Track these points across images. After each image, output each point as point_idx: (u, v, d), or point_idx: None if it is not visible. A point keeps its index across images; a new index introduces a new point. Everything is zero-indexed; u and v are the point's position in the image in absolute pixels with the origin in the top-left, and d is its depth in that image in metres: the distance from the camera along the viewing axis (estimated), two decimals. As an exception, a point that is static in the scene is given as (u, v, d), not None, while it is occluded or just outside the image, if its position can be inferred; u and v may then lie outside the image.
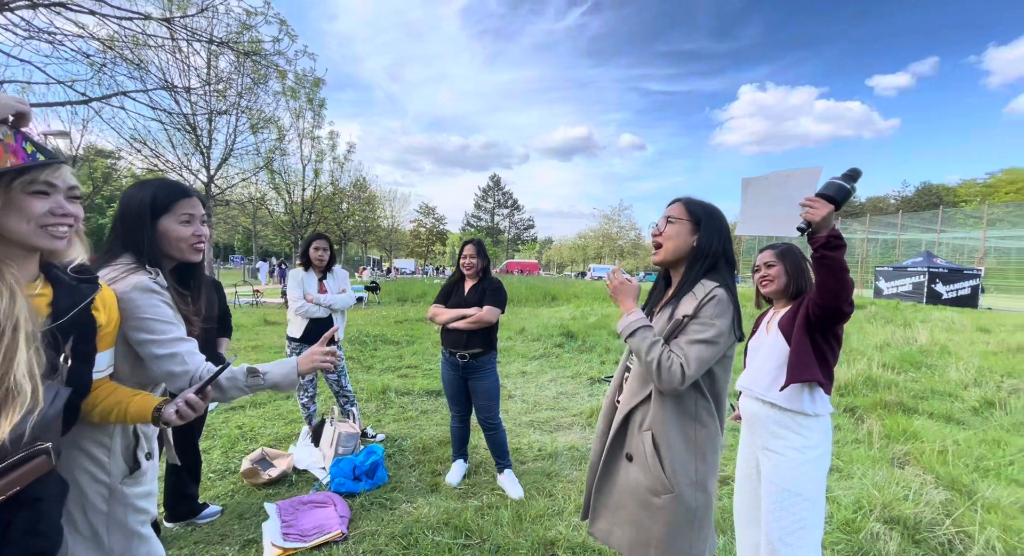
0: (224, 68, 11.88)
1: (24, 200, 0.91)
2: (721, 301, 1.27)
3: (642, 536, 1.33)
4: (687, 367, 1.23)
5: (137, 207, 1.24)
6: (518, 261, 53.57)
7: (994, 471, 3.13)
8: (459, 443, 3.03)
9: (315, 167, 20.55)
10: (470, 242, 2.98)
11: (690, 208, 1.41)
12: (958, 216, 31.97)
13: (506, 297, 2.91)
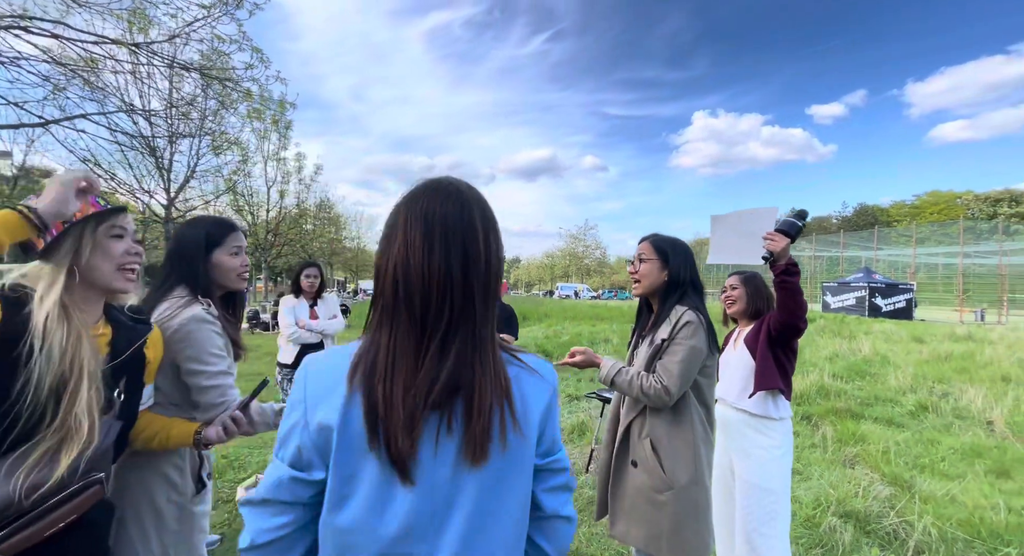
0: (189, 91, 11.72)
1: (107, 243, 1.04)
2: (691, 323, 1.53)
3: (654, 530, 1.54)
4: (670, 385, 1.47)
5: (193, 242, 1.38)
6: (486, 281, 53.89)
7: (929, 467, 3.53)
8: None
9: (280, 189, 20.22)
10: None
11: (657, 246, 1.67)
12: (892, 235, 34.82)
13: (518, 323, 2.96)
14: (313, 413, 0.63)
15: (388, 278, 0.67)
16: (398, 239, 0.67)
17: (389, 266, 0.67)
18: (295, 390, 0.67)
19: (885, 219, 58.19)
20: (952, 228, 32.50)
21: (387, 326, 0.66)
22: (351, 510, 0.61)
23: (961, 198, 58.88)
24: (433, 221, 0.66)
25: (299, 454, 0.64)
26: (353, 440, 0.62)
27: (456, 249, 0.66)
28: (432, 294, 0.65)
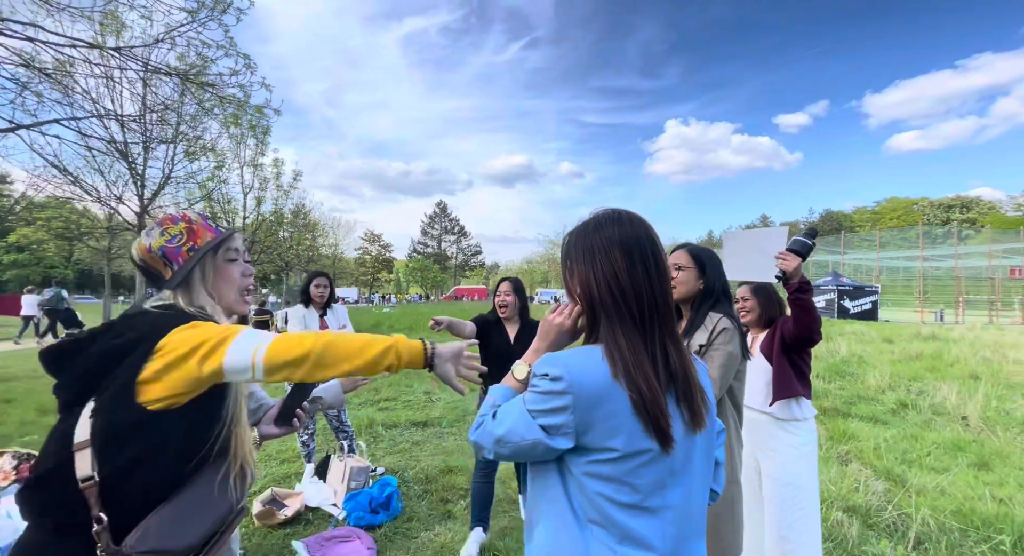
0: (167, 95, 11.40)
1: (226, 267, 1.06)
2: (728, 329, 1.61)
3: None
4: (714, 390, 1.55)
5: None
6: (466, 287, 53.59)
7: (916, 462, 3.74)
8: (481, 506, 2.60)
9: (257, 195, 19.75)
10: (506, 280, 2.79)
11: (694, 255, 1.76)
12: (855, 240, 36.45)
13: None
14: (586, 408, 0.78)
15: (602, 291, 0.84)
16: (600, 260, 0.85)
17: (600, 282, 0.84)
18: (553, 381, 0.79)
19: (849, 224, 60.86)
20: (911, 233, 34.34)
21: (615, 329, 0.83)
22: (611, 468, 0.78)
23: (917, 204, 62.21)
24: (629, 244, 0.85)
25: (557, 428, 0.79)
26: (626, 420, 0.77)
27: (650, 264, 0.84)
28: (644, 301, 0.82)
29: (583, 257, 0.87)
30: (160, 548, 0.83)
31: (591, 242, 0.87)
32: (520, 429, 0.80)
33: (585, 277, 0.86)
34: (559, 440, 0.79)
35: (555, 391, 0.79)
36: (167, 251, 1.01)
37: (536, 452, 0.80)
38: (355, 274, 56.79)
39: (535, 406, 0.81)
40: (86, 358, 0.89)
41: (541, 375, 0.82)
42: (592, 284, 0.85)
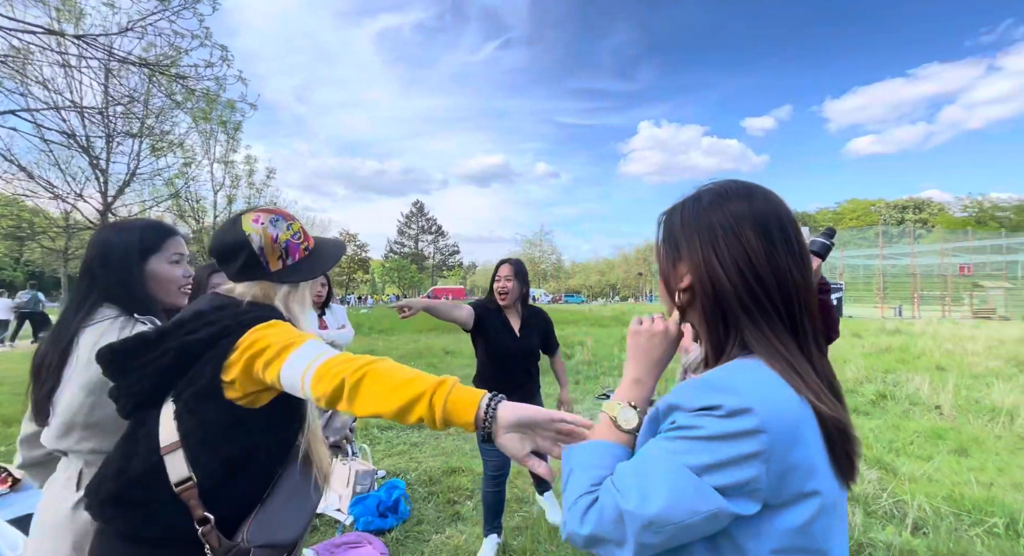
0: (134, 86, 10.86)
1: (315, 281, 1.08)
2: None
3: None
4: None
5: (121, 249, 1.17)
6: (444, 287, 53.16)
7: (903, 451, 3.91)
8: (494, 514, 2.44)
9: (228, 193, 19.06)
10: (506, 262, 2.47)
11: None
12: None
13: None
14: (784, 449, 0.53)
15: (731, 280, 0.62)
16: (727, 241, 0.63)
17: (728, 269, 0.63)
18: (734, 418, 0.53)
19: (813, 224, 63.35)
20: (870, 233, 36.09)
21: (764, 331, 0.62)
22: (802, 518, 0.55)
23: (875, 205, 65.39)
24: (766, 222, 0.63)
25: (741, 487, 0.53)
26: (820, 457, 0.56)
27: (794, 248, 0.63)
28: (791, 294, 0.62)
29: (700, 237, 0.66)
30: (274, 541, 0.84)
31: (712, 218, 0.65)
32: (686, 499, 0.52)
33: (704, 262, 0.65)
34: (741, 503, 0.53)
35: (740, 432, 0.53)
36: (290, 245, 1.00)
37: (705, 530, 0.54)
38: (330, 274, 55.28)
39: (704, 459, 0.53)
40: (160, 356, 0.84)
41: (702, 410, 0.55)
42: (717, 271, 0.63)
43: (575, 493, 0.61)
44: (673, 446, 0.56)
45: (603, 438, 0.67)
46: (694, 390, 0.59)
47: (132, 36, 7.08)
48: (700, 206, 0.68)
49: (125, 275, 1.15)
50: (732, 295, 0.63)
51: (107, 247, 1.17)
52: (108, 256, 1.16)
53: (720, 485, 0.53)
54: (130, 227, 1.21)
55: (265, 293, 0.98)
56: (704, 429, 0.54)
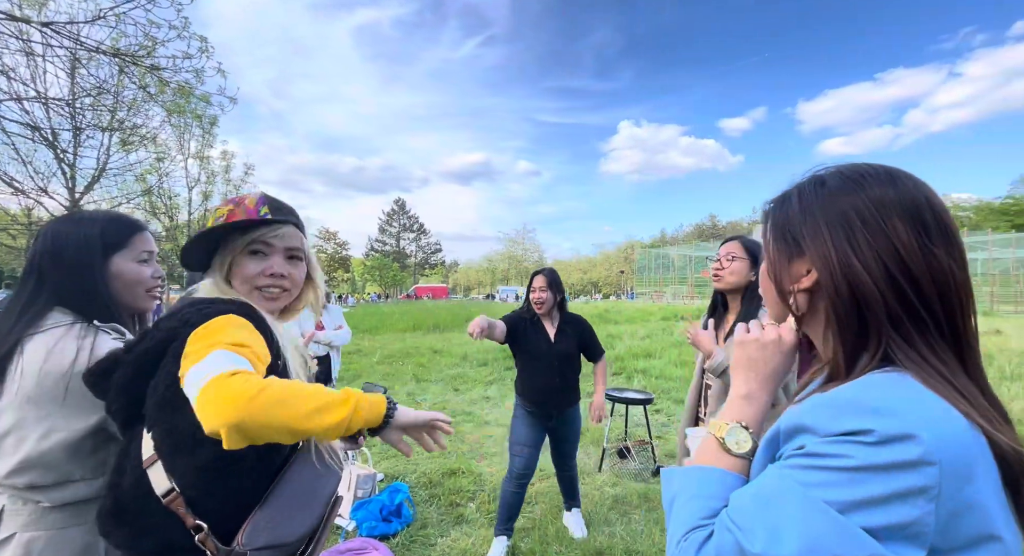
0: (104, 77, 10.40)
1: (242, 260, 0.96)
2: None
3: None
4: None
5: (80, 245, 1.01)
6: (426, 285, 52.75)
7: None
8: (508, 514, 2.46)
9: (204, 190, 18.48)
10: (540, 273, 2.54)
11: (748, 247, 1.79)
12: (795, 237, 39.05)
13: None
14: (957, 485, 0.43)
15: (875, 280, 0.52)
16: (870, 233, 0.53)
17: (870, 266, 0.52)
18: (892, 445, 0.43)
19: (787, 223, 65.20)
20: (842, 231, 37.11)
21: (918, 345, 0.51)
22: None
23: (846, 205, 67.53)
24: (919, 211, 0.53)
25: (901, 529, 0.42)
26: (997, 495, 0.46)
27: (951, 241, 0.52)
28: (950, 298, 0.52)
29: (831, 228, 0.55)
30: (275, 543, 0.79)
31: (845, 205, 0.55)
32: (828, 542, 0.43)
33: (838, 258, 0.54)
34: (900, 549, 0.42)
35: (899, 463, 0.43)
36: None
37: None
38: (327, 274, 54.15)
39: (849, 494, 0.43)
40: (124, 371, 0.81)
41: (849, 435, 0.45)
42: (856, 268, 0.53)
43: (684, 526, 0.54)
44: (805, 477, 0.46)
45: (709, 463, 0.59)
46: (830, 410, 0.48)
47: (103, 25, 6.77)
48: (826, 192, 0.58)
49: (83, 274, 1.00)
50: (876, 298, 0.52)
51: (61, 240, 1.01)
52: (62, 251, 1.00)
53: (871, 526, 0.43)
54: (90, 219, 1.05)
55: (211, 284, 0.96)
56: (849, 459, 0.44)
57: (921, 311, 0.51)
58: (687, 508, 0.56)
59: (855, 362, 0.55)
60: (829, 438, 0.46)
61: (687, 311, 17.94)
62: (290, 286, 0.99)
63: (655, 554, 2.47)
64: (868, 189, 0.55)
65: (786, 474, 0.48)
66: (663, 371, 7.12)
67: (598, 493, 3.22)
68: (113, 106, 12.10)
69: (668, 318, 15.52)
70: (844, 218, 0.55)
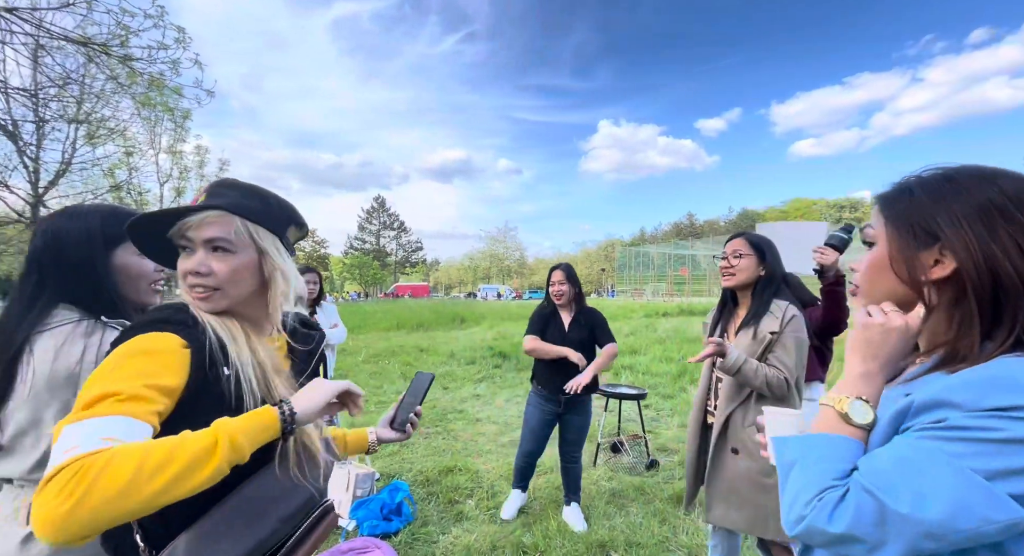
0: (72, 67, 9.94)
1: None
2: (797, 316, 1.70)
3: (760, 513, 1.66)
4: (790, 377, 1.63)
5: (80, 239, 1.01)
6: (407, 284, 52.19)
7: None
8: (522, 475, 2.87)
9: (177, 186, 17.88)
10: (558, 268, 2.75)
11: (754, 243, 1.82)
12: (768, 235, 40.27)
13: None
14: None
15: (1020, 271, 0.56)
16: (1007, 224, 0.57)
17: (1013, 257, 0.57)
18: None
19: (761, 221, 66.98)
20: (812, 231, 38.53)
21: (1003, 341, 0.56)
22: None
23: (816, 204, 69.82)
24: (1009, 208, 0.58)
25: None
26: None
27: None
28: None
29: (970, 219, 0.59)
30: None
31: (982, 198, 0.59)
32: (977, 506, 0.49)
33: (981, 248, 0.58)
34: None
35: None
36: None
37: (993, 539, 0.51)
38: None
39: (997, 464, 0.49)
40: None
41: (1003, 411, 0.50)
42: (998, 258, 0.57)
43: (815, 486, 0.58)
44: (951, 448, 0.52)
45: (828, 429, 0.64)
46: (977, 387, 0.53)
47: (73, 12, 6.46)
48: (956, 185, 0.62)
49: (87, 270, 1.00)
50: (1017, 286, 0.56)
51: (62, 237, 1.01)
52: (63, 248, 1.00)
53: (1017, 493, 0.49)
54: (88, 213, 1.04)
55: None
56: (999, 431, 0.50)
57: None
58: (815, 470, 0.60)
59: (979, 349, 0.58)
60: (977, 412, 0.51)
61: (667, 308, 18.26)
62: (216, 284, 0.81)
63: (655, 545, 2.52)
64: (1000, 182, 0.59)
65: (929, 444, 0.53)
66: (649, 367, 7.24)
67: (595, 487, 3.27)
68: (80, 97, 11.60)
69: (650, 315, 15.77)
70: (983, 210, 0.59)
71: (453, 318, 15.85)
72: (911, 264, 0.65)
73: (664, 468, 3.57)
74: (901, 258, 0.66)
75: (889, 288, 0.69)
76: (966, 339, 0.60)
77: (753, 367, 1.64)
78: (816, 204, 69.72)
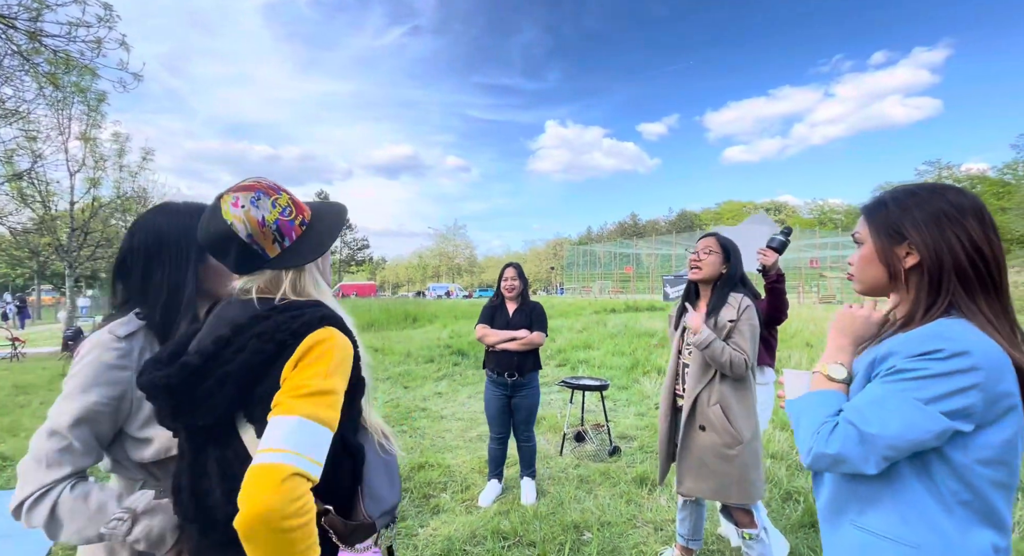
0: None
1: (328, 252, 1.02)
2: (751, 307, 1.94)
3: (724, 481, 1.88)
4: (748, 358, 1.85)
5: (181, 239, 1.04)
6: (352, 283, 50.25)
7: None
8: (496, 464, 3.12)
9: (93, 176, 16.16)
10: (510, 265, 3.15)
11: (722, 244, 2.05)
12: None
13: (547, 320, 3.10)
14: (994, 382, 0.73)
15: (960, 260, 0.80)
16: (956, 228, 0.81)
17: (956, 251, 0.80)
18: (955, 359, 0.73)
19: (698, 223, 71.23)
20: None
21: (977, 301, 0.80)
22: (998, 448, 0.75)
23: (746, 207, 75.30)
24: (982, 211, 0.83)
25: (962, 412, 0.73)
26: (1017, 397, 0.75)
27: (997, 233, 0.83)
28: (1000, 270, 0.82)
29: (929, 223, 0.83)
30: (387, 508, 0.90)
31: (937, 207, 0.83)
32: (920, 423, 0.73)
33: (936, 244, 0.82)
34: (961, 424, 0.73)
35: (960, 369, 0.72)
36: (282, 224, 0.88)
37: (929, 445, 0.74)
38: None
39: (932, 392, 0.73)
40: (219, 386, 0.79)
41: (927, 354, 0.74)
42: (946, 252, 0.81)
43: (814, 423, 0.83)
44: (901, 386, 0.76)
45: (821, 387, 0.89)
46: (912, 340, 0.78)
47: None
48: (917, 198, 0.86)
49: (180, 271, 1.04)
50: (959, 270, 0.81)
51: (162, 235, 1.03)
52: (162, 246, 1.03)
53: (945, 411, 0.73)
54: (181, 210, 1.07)
55: (271, 283, 0.90)
56: (928, 370, 0.75)
57: (985, 278, 0.81)
58: (814, 414, 0.85)
59: (926, 313, 0.83)
60: (912, 357, 0.76)
61: (616, 305, 19.01)
62: None
63: (624, 523, 2.71)
64: (948, 196, 0.84)
65: (886, 386, 0.79)
66: (603, 361, 7.57)
67: (563, 475, 3.43)
68: (-27, 73, 10.24)
69: (599, 312, 16.34)
70: (937, 216, 0.83)
71: (405, 317, 15.58)
72: (889, 257, 0.88)
73: (626, 453, 3.81)
74: (882, 253, 0.89)
75: (875, 275, 0.92)
76: (918, 308, 0.85)
77: (720, 346, 1.86)
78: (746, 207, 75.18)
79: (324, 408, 0.77)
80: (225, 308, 0.92)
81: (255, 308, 0.87)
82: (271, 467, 0.69)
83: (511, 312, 3.09)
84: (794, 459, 3.50)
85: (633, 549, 2.46)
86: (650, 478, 3.25)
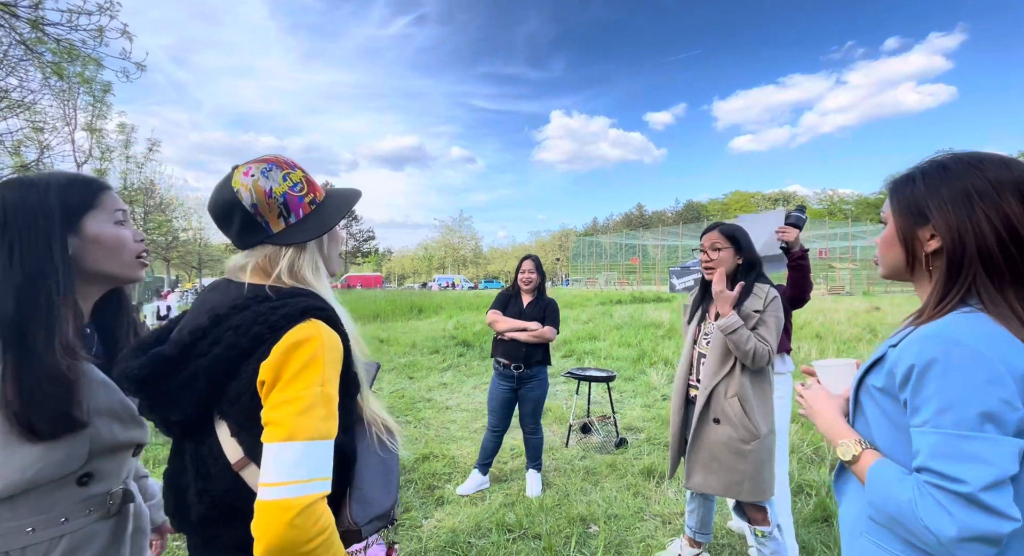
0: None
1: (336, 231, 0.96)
2: (777, 298, 1.85)
3: (735, 477, 1.81)
4: (772, 350, 1.77)
5: (36, 211, 0.83)
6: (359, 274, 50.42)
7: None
8: (486, 455, 3.06)
9: (100, 167, 16.24)
10: (529, 258, 3.12)
11: (728, 235, 1.95)
12: (712, 227, 42.57)
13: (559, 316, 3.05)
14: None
15: (988, 244, 0.69)
16: (987, 206, 0.69)
17: (985, 233, 0.69)
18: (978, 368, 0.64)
19: (705, 213, 70.54)
20: (751, 221, 41.11)
21: (1006, 290, 0.69)
22: None
23: (754, 197, 74.40)
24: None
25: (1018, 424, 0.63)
26: None
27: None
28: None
29: (954, 202, 0.72)
30: (377, 513, 0.84)
31: (968, 184, 0.71)
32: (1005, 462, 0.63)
33: (961, 225, 0.71)
34: None
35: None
36: (290, 199, 0.84)
37: None
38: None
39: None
40: (191, 380, 0.74)
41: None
42: (970, 234, 0.70)
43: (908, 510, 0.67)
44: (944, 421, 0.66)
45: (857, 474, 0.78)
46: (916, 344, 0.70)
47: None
48: (948, 173, 0.74)
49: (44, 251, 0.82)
50: (984, 255, 0.70)
51: (9, 208, 0.82)
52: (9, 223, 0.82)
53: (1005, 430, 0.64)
54: (40, 182, 0.86)
55: (268, 262, 0.84)
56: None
57: (1021, 264, 0.69)
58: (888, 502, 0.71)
59: (941, 302, 0.73)
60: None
61: (622, 296, 18.92)
62: None
63: (631, 515, 2.67)
64: (986, 171, 0.72)
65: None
66: (609, 352, 7.51)
67: (569, 466, 3.39)
68: (-21, 64, 10.22)
69: (605, 303, 16.27)
70: (965, 194, 0.72)
71: (410, 308, 15.58)
72: (909, 239, 0.79)
73: (633, 445, 3.76)
74: (902, 234, 0.80)
75: (896, 258, 0.82)
76: (931, 299, 0.75)
77: (747, 333, 1.78)
78: (754, 197, 74.30)
79: (324, 420, 0.72)
80: (211, 291, 0.87)
81: (239, 293, 0.80)
82: (281, 505, 0.65)
83: (525, 304, 3.05)
84: (805, 452, 3.44)
85: (640, 543, 2.42)
86: (658, 470, 3.20)
